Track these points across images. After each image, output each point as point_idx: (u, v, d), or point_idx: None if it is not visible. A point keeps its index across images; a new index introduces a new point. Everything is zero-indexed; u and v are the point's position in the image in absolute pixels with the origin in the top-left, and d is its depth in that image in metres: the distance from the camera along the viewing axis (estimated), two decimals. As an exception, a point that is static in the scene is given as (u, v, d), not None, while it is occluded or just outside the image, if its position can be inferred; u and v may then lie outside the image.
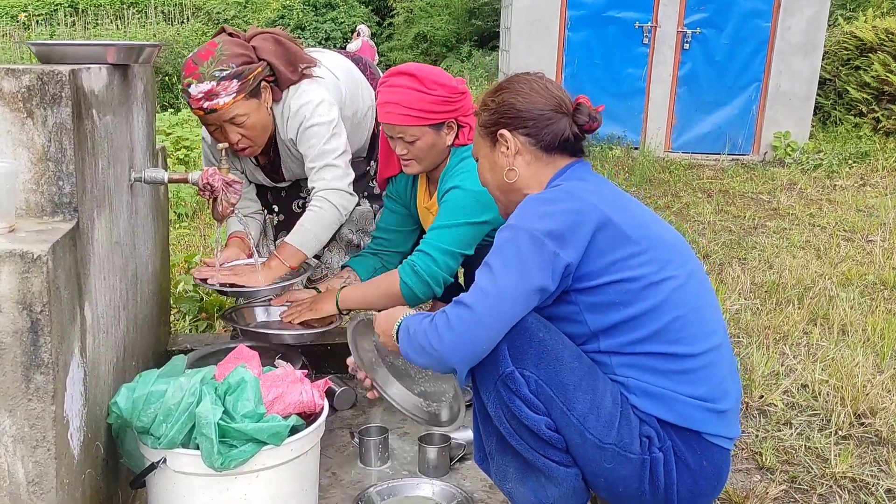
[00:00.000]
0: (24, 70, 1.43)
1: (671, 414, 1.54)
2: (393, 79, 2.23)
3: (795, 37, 7.53)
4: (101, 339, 1.68)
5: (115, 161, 1.81)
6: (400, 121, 2.20)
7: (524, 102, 1.69)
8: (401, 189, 2.53)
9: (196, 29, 13.67)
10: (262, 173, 2.64)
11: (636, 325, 1.54)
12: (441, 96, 2.19)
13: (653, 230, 1.60)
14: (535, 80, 1.73)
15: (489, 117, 1.73)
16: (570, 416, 1.52)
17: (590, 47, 7.71)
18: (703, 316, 1.58)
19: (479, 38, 13.56)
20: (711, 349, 1.57)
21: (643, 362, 1.55)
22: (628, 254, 1.53)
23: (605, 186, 1.67)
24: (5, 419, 1.32)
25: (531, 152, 1.70)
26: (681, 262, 1.59)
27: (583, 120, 1.69)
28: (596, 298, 1.54)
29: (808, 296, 3.69)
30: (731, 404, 1.59)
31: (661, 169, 6.92)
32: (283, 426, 1.61)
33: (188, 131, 6.50)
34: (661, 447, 1.54)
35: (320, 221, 2.36)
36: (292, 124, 2.41)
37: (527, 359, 1.51)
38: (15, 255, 1.28)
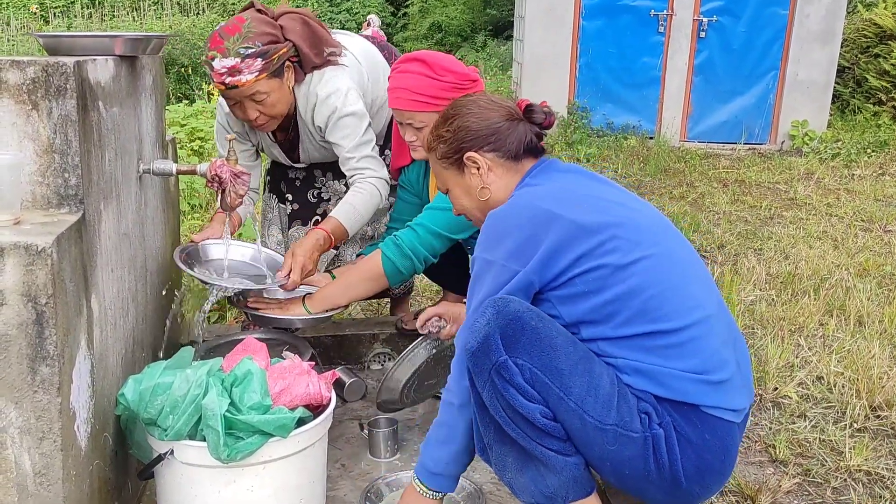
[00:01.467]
0: (28, 62, 1.43)
1: (664, 389, 1.54)
2: (404, 65, 2.24)
3: (814, 24, 7.43)
4: (109, 330, 1.68)
5: (122, 153, 1.81)
6: (409, 106, 2.20)
7: (478, 121, 1.74)
8: (413, 178, 2.52)
9: (212, 20, 13.68)
10: (278, 149, 2.63)
11: (612, 310, 1.55)
12: (451, 83, 2.18)
13: (620, 214, 1.62)
14: (479, 98, 1.79)
15: (448, 147, 1.76)
16: (567, 402, 1.51)
17: (604, 36, 7.64)
18: (683, 290, 1.58)
19: (493, 28, 13.49)
20: (697, 322, 1.57)
21: (628, 343, 1.56)
22: (593, 245, 1.56)
23: (563, 183, 1.70)
24: (11, 411, 1.32)
25: (500, 165, 1.74)
26: (652, 242, 1.60)
27: (539, 118, 1.75)
28: (566, 291, 1.57)
29: (824, 287, 3.65)
30: (729, 374, 1.58)
31: (676, 159, 6.86)
32: (290, 418, 1.61)
33: (202, 122, 6.51)
34: (661, 423, 1.54)
35: (367, 205, 2.38)
36: (322, 111, 2.41)
37: (520, 347, 1.52)
38: (19, 247, 1.28)
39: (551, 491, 1.58)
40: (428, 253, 2.22)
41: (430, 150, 1.82)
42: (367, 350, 2.76)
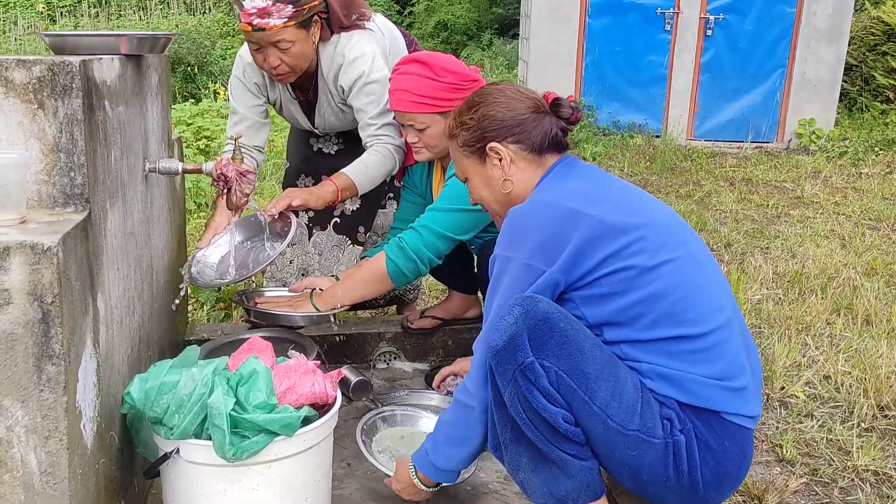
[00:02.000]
0: (34, 61, 1.43)
1: (688, 395, 1.53)
2: (404, 66, 2.23)
3: (821, 22, 7.40)
4: (115, 329, 1.68)
5: (128, 152, 1.81)
6: (409, 108, 2.20)
7: (504, 111, 1.70)
8: (417, 179, 2.52)
9: (218, 19, 13.70)
10: (297, 107, 2.62)
11: (638, 313, 1.53)
12: (450, 83, 2.18)
13: (645, 215, 1.59)
14: (506, 88, 1.74)
15: (472, 135, 1.72)
16: (592, 406, 1.50)
17: (611, 34, 7.62)
18: (707, 294, 1.57)
19: (499, 26, 13.47)
20: (720, 327, 1.55)
21: (652, 347, 1.54)
22: (620, 246, 1.53)
23: (587, 182, 1.67)
24: (18, 410, 1.32)
25: (523, 157, 1.71)
26: (676, 243, 1.58)
27: (566, 113, 1.71)
28: (591, 292, 1.55)
29: (831, 286, 3.63)
30: (747, 381, 1.57)
31: (682, 157, 6.84)
32: (295, 417, 1.61)
33: (208, 121, 6.52)
34: (682, 429, 1.53)
35: (380, 167, 2.40)
36: (350, 74, 2.41)
37: (548, 349, 1.50)
38: (25, 246, 1.28)
39: (563, 494, 1.58)
40: (432, 255, 2.22)
41: (451, 137, 1.78)
42: (372, 349, 2.76)
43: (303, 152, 2.81)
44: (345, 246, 2.82)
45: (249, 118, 2.58)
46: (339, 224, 2.79)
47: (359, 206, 2.78)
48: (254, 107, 2.58)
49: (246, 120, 2.58)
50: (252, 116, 2.58)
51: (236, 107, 2.59)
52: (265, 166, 5.63)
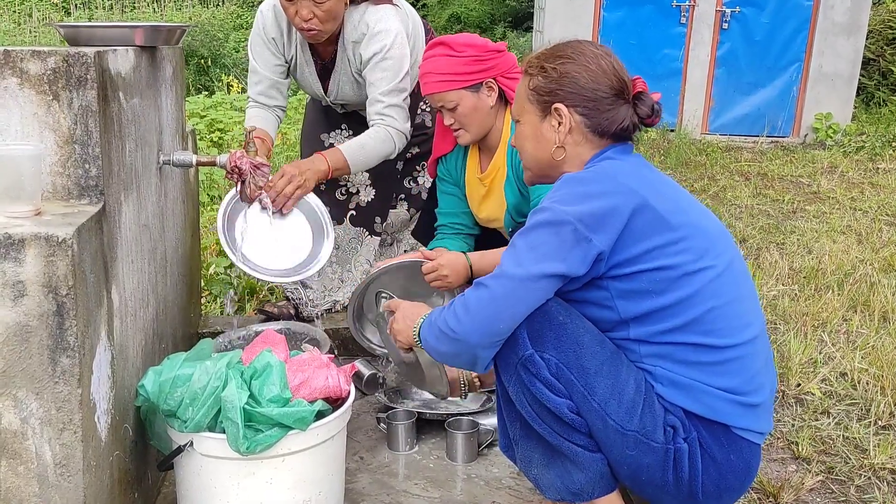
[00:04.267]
0: (49, 52, 1.43)
1: (698, 405, 1.50)
2: (428, 51, 2.26)
3: (839, 16, 7.31)
4: (130, 322, 1.68)
5: (142, 144, 1.81)
6: (436, 88, 2.21)
7: (589, 80, 1.58)
8: (452, 167, 2.49)
9: (231, 11, 13.72)
10: (313, 71, 2.60)
11: (668, 315, 1.49)
12: (471, 56, 2.18)
13: (692, 217, 1.54)
14: (602, 56, 1.60)
15: (546, 84, 1.61)
16: (591, 401, 1.49)
17: (626, 27, 7.56)
18: (739, 307, 1.53)
19: (513, 19, 13.40)
20: (747, 342, 1.52)
21: (673, 352, 1.51)
22: (666, 241, 1.47)
23: (644, 168, 1.60)
24: (32, 402, 1.33)
25: (583, 133, 1.61)
26: (719, 252, 1.53)
27: (644, 112, 1.61)
28: (629, 286, 1.49)
29: (848, 282, 3.59)
30: (763, 398, 1.54)
31: (697, 151, 6.79)
32: (309, 411, 1.60)
33: (222, 114, 6.54)
34: (686, 438, 1.50)
35: (377, 148, 2.39)
36: (371, 46, 2.41)
37: (546, 342, 1.49)
38: (40, 238, 1.28)
39: (578, 487, 1.56)
40: None
41: (526, 74, 1.67)
42: (385, 342, 2.75)
43: (314, 149, 2.80)
44: (363, 238, 2.81)
45: (269, 78, 2.58)
46: (356, 216, 2.78)
47: (373, 198, 2.78)
48: (274, 66, 2.57)
49: (266, 80, 2.58)
50: (272, 76, 2.58)
51: (256, 66, 2.58)
52: (278, 159, 5.63)
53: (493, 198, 2.36)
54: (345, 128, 2.78)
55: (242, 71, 10.34)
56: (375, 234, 2.82)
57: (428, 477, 2.06)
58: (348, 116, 2.80)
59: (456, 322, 1.51)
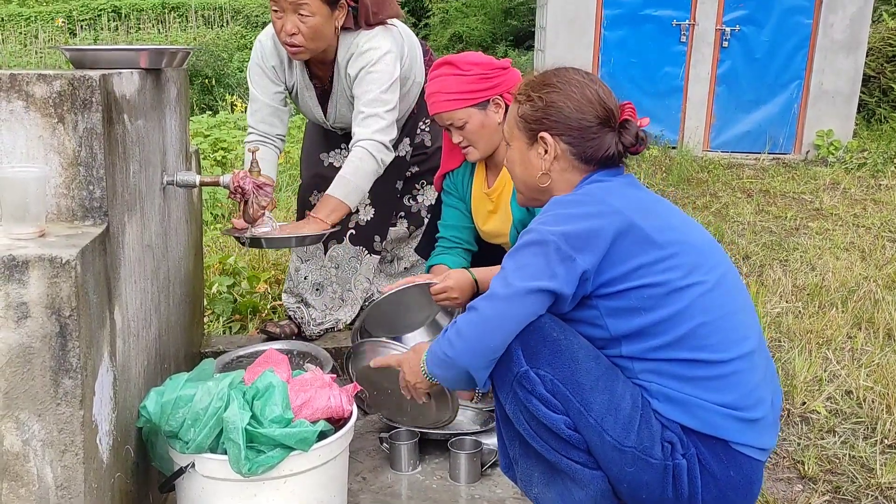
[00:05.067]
0: (55, 76, 1.44)
1: (695, 421, 1.50)
2: (434, 71, 2.28)
3: (838, 33, 7.35)
4: (132, 342, 1.68)
5: (146, 165, 1.82)
6: (445, 107, 2.23)
7: (574, 110, 1.62)
8: (458, 182, 2.50)
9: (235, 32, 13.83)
10: (312, 95, 2.62)
11: (659, 331, 1.50)
12: (477, 75, 2.21)
13: (681, 233, 1.56)
14: (586, 85, 1.64)
15: (532, 113, 1.65)
16: (587, 417, 1.48)
17: (626, 46, 7.61)
18: (733, 322, 1.53)
19: (514, 38, 13.48)
20: (742, 356, 1.52)
21: (667, 368, 1.51)
22: (653, 259, 1.49)
23: (631, 188, 1.62)
24: (34, 423, 1.32)
25: (569, 160, 1.65)
26: (710, 267, 1.54)
27: (629, 141, 1.63)
28: (617, 303, 1.50)
29: (852, 299, 3.59)
30: (763, 413, 1.53)
31: (699, 168, 6.80)
32: (311, 432, 1.60)
33: (226, 133, 6.57)
34: (685, 454, 1.49)
35: (360, 172, 2.37)
36: (357, 62, 2.44)
37: (541, 358, 1.49)
38: (44, 259, 1.29)
39: None
40: None
41: (515, 101, 1.71)
42: (388, 362, 2.75)
43: (314, 168, 2.81)
44: (362, 256, 2.82)
45: (269, 105, 2.59)
46: (355, 235, 2.79)
47: (373, 216, 2.78)
48: (274, 94, 2.58)
49: (265, 108, 2.59)
50: (271, 104, 2.58)
51: (255, 93, 2.59)
52: (281, 178, 5.65)
53: (499, 213, 2.37)
54: (344, 147, 2.79)
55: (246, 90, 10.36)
56: (375, 253, 2.82)
57: (431, 498, 2.05)
58: (347, 136, 2.81)
59: (450, 347, 1.55)
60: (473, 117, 2.23)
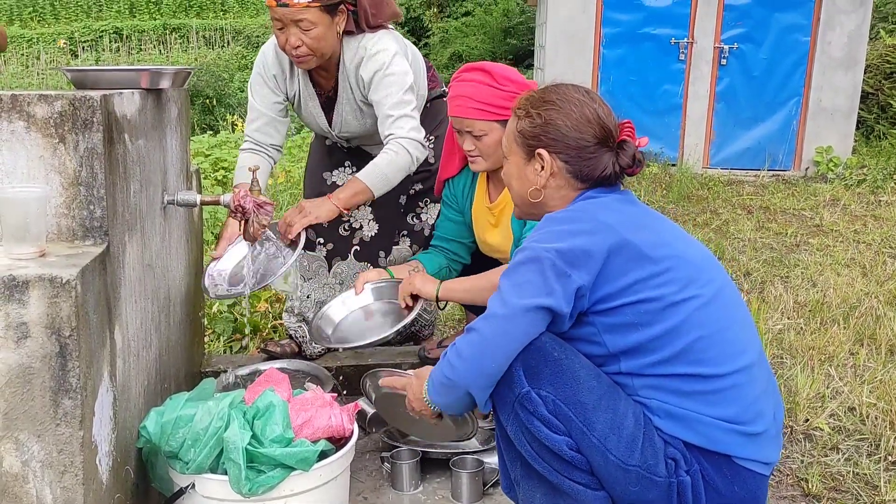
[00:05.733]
0: (56, 96, 1.45)
1: (697, 436, 1.49)
2: (466, 74, 2.24)
3: (836, 51, 7.39)
4: (132, 362, 1.68)
5: (147, 184, 1.83)
6: (469, 114, 2.19)
7: (571, 129, 1.62)
8: (458, 192, 2.49)
9: (236, 52, 13.93)
10: (316, 104, 2.63)
11: (657, 346, 1.49)
12: (512, 92, 2.16)
13: (676, 248, 1.56)
14: (586, 104, 1.64)
15: (531, 129, 1.65)
16: (590, 437, 1.47)
17: (625, 64, 7.65)
18: (730, 335, 1.53)
19: (514, 57, 13.57)
20: (741, 369, 1.51)
21: (666, 384, 1.50)
22: (647, 274, 1.49)
23: (625, 204, 1.63)
24: (34, 444, 1.32)
25: (565, 178, 1.64)
26: (705, 281, 1.54)
27: (625, 161, 1.62)
28: (614, 319, 1.50)
29: (853, 315, 3.58)
30: (765, 426, 1.52)
31: (699, 185, 6.81)
32: (312, 451, 1.59)
33: (226, 153, 6.60)
34: (689, 470, 1.48)
35: (394, 164, 2.37)
36: (369, 66, 2.44)
37: (542, 378, 1.48)
38: (44, 279, 1.29)
39: None
40: None
41: (515, 115, 1.71)
42: (389, 380, 2.74)
43: (318, 187, 2.81)
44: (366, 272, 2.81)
45: (267, 115, 2.59)
46: (360, 251, 2.79)
47: (377, 233, 2.78)
48: (273, 104, 2.59)
49: (263, 117, 2.59)
50: (269, 114, 2.59)
51: (254, 103, 2.60)
52: (282, 197, 5.66)
53: (500, 228, 2.36)
54: (348, 165, 2.80)
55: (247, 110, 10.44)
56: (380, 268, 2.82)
57: (433, 517, 2.04)
58: (352, 154, 2.82)
59: (450, 369, 1.53)
60: (494, 132, 2.20)
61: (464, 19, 14.60)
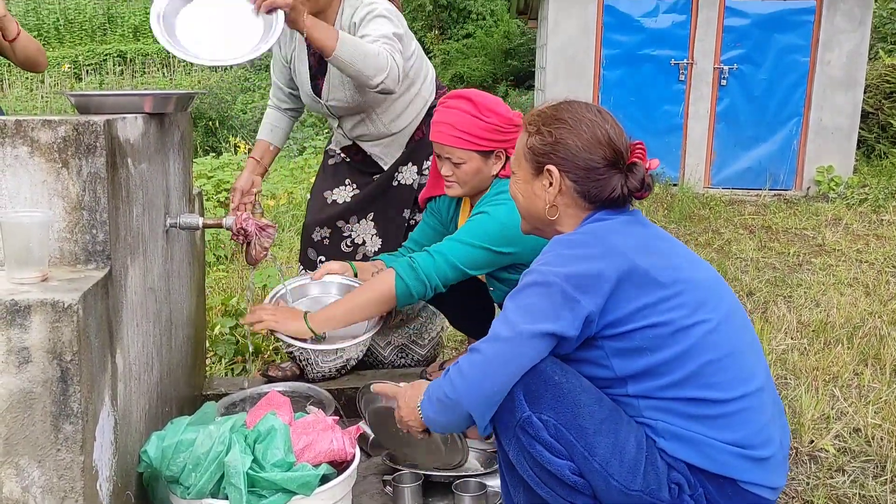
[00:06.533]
0: (59, 121, 1.46)
1: (702, 459, 1.48)
2: (450, 101, 2.25)
3: (835, 71, 7.43)
4: (133, 386, 1.67)
5: (150, 208, 1.83)
6: (449, 141, 2.21)
7: (582, 149, 1.60)
8: (443, 207, 2.51)
9: (239, 75, 14.02)
10: (306, 70, 2.66)
11: (666, 371, 1.48)
12: (493, 124, 2.19)
13: (685, 272, 1.55)
14: (598, 125, 1.63)
15: (541, 146, 1.64)
16: (592, 462, 1.46)
17: (625, 85, 7.69)
18: (740, 360, 1.52)
19: (515, 78, 13.66)
20: (749, 394, 1.51)
21: (674, 407, 1.49)
22: (657, 298, 1.48)
23: (634, 227, 1.61)
24: (34, 470, 1.31)
25: (573, 197, 1.63)
26: (715, 305, 1.53)
27: (633, 184, 1.60)
28: (623, 344, 1.49)
29: (857, 335, 3.56)
30: (772, 451, 1.51)
31: (701, 205, 6.82)
32: (314, 475, 1.58)
33: (229, 174, 6.62)
34: (693, 495, 1.47)
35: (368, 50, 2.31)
36: (361, 11, 2.50)
37: (543, 403, 1.47)
38: (46, 304, 1.29)
39: None
40: (440, 282, 2.18)
41: (525, 130, 1.69)
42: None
43: (318, 207, 2.82)
44: None
45: (280, 86, 2.81)
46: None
47: (380, 248, 2.79)
48: (281, 71, 2.77)
49: (277, 87, 2.82)
50: (282, 84, 2.80)
51: (272, 73, 2.82)
52: (283, 218, 5.68)
53: None
54: (348, 183, 2.81)
55: (250, 132, 10.52)
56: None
57: (435, 542, 2.02)
58: (353, 171, 2.82)
59: (451, 388, 1.52)
60: (473, 161, 2.22)
61: (465, 41, 14.71)
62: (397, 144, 2.74)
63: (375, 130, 2.70)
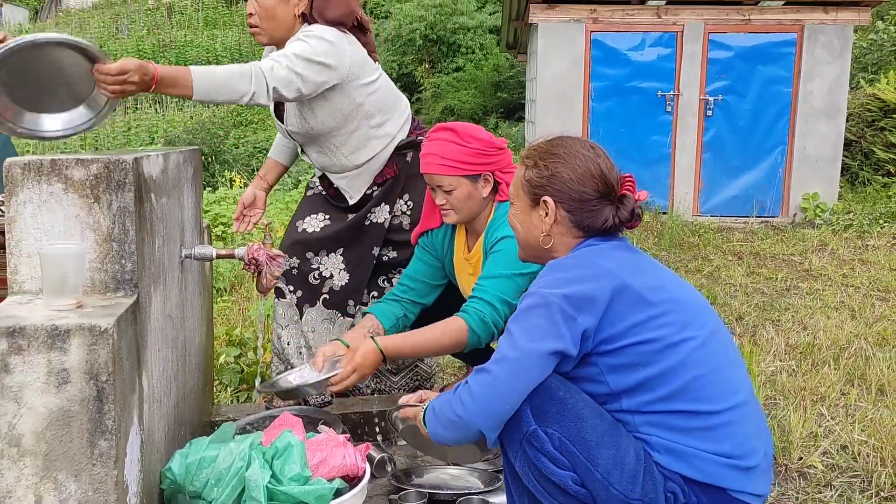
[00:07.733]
0: (92, 160, 1.57)
1: (694, 471, 1.57)
2: (435, 133, 2.40)
3: (818, 101, 7.63)
4: (156, 408, 1.76)
5: (168, 239, 1.94)
6: (438, 170, 2.34)
7: (576, 182, 1.72)
8: (437, 242, 2.60)
9: (231, 109, 14.16)
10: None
11: (657, 385, 1.59)
12: (476, 149, 2.32)
13: (672, 292, 1.66)
14: (591, 159, 1.75)
15: (538, 179, 1.76)
16: (594, 472, 1.56)
17: (614, 116, 7.87)
18: (725, 375, 1.63)
19: (504, 111, 13.83)
20: (734, 406, 1.61)
21: (665, 420, 1.59)
22: (647, 316, 1.59)
23: (623, 252, 1.73)
24: (71, 484, 1.40)
25: (567, 226, 1.75)
26: (701, 323, 1.64)
27: (624, 215, 1.73)
28: (616, 360, 1.60)
29: (843, 356, 3.67)
30: (757, 461, 1.61)
31: (690, 233, 6.95)
32: (328, 489, 1.67)
33: (225, 208, 6.72)
34: (687, 503, 1.57)
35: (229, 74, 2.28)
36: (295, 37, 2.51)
37: (549, 417, 1.57)
38: (84, 328, 1.39)
39: None
40: (503, 323, 2.26)
41: (523, 163, 1.81)
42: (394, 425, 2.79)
43: (289, 236, 2.84)
44: (335, 319, 2.83)
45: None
46: (329, 300, 2.80)
47: (347, 282, 2.81)
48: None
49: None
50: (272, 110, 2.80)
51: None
52: (282, 250, 5.74)
53: (477, 277, 2.46)
54: (321, 214, 2.82)
55: (243, 166, 10.64)
56: (349, 316, 2.83)
57: (441, 557, 2.09)
58: (327, 204, 2.85)
59: (462, 408, 1.62)
60: (462, 186, 2.35)
61: (455, 74, 14.90)
62: (362, 179, 2.76)
63: (337, 162, 2.73)
